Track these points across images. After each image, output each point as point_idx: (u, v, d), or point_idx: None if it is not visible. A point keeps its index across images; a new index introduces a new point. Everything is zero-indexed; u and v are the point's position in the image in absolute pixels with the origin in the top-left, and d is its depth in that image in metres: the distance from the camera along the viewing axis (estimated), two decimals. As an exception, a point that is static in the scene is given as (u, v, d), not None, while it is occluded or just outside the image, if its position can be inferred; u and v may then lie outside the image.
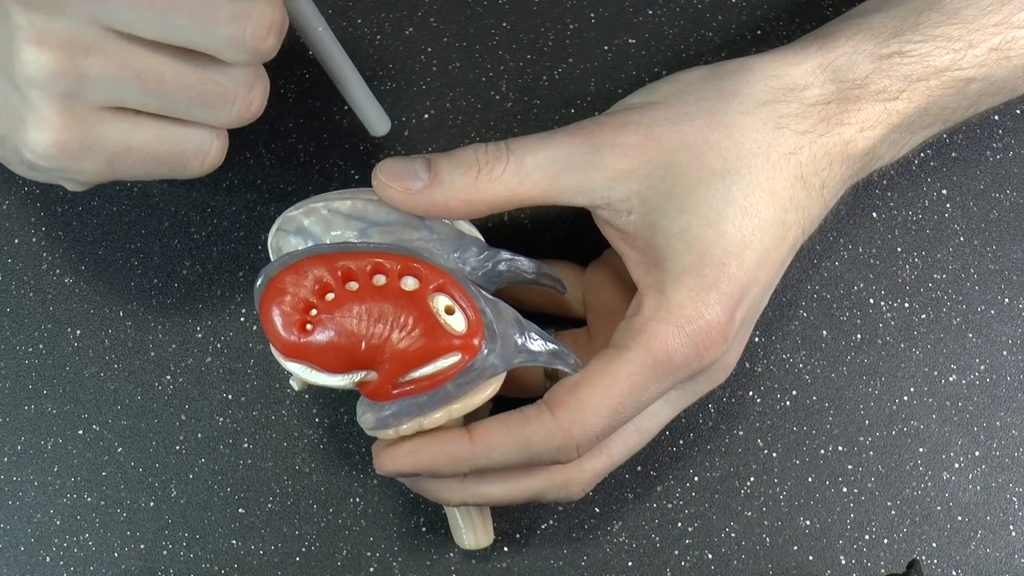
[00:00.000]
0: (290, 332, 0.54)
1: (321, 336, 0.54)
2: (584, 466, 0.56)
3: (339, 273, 0.54)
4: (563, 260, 0.63)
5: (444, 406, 0.54)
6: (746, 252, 0.54)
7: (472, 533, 0.60)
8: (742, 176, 0.54)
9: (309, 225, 0.56)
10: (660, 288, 0.54)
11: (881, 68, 0.56)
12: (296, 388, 0.56)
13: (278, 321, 0.54)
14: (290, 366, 0.55)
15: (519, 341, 0.55)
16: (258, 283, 0.55)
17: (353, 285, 0.54)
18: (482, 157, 0.54)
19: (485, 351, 0.54)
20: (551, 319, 0.63)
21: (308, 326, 0.54)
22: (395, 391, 0.54)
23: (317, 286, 0.54)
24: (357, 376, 0.55)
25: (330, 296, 0.54)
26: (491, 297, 0.56)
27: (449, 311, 0.54)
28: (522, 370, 0.60)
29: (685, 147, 0.54)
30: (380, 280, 0.54)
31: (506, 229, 0.65)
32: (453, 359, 0.54)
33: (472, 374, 0.54)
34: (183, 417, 0.64)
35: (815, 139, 0.55)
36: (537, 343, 0.55)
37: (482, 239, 0.57)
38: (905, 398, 0.64)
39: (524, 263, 0.57)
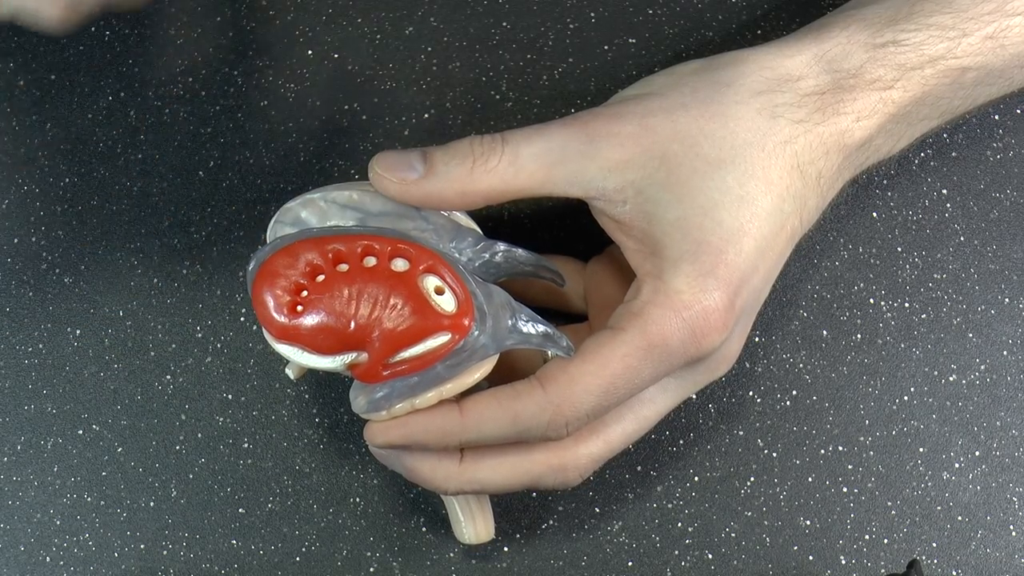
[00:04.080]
0: (281, 313, 0.54)
1: (311, 317, 0.54)
2: (581, 451, 0.56)
3: (330, 256, 0.55)
4: (563, 255, 0.63)
5: (435, 387, 0.54)
6: (744, 240, 0.54)
7: (472, 526, 0.59)
8: (737, 165, 0.54)
9: (306, 216, 0.56)
10: (658, 274, 0.54)
11: (875, 57, 0.56)
12: (292, 375, 0.56)
13: (270, 303, 0.54)
14: (282, 349, 0.55)
15: (510, 323, 0.55)
16: (250, 267, 0.55)
17: (343, 267, 0.54)
18: (477, 148, 0.55)
19: (475, 331, 0.54)
20: (552, 314, 0.63)
21: (299, 307, 0.54)
22: (386, 372, 0.54)
23: (308, 268, 0.54)
24: (348, 357, 0.55)
25: (320, 278, 0.54)
26: (483, 281, 0.56)
27: (439, 291, 0.54)
28: (520, 357, 0.60)
29: (680, 137, 0.54)
30: (370, 262, 0.54)
31: (505, 225, 0.65)
32: (443, 339, 0.54)
33: (463, 355, 0.54)
34: (183, 417, 0.64)
35: (811, 128, 0.55)
36: (528, 325, 0.55)
37: (479, 231, 0.57)
38: (905, 398, 0.64)
39: (521, 254, 0.57)
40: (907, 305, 0.65)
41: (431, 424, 0.54)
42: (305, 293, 0.54)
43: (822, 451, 0.64)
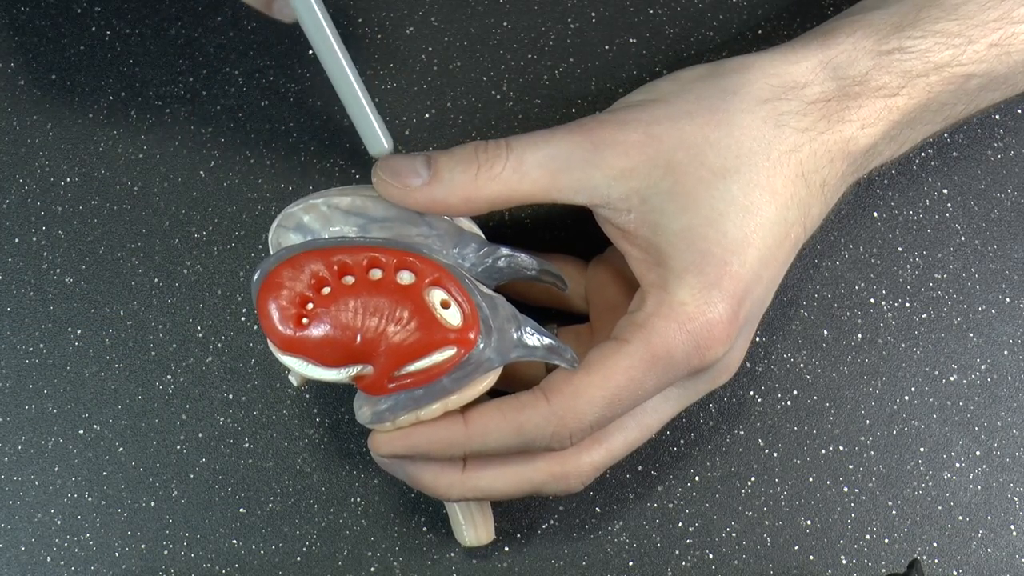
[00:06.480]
0: (286, 326, 0.54)
1: (317, 330, 0.54)
2: (583, 459, 0.56)
3: (335, 267, 0.54)
4: (565, 255, 0.63)
5: (440, 399, 0.54)
6: (748, 251, 0.54)
7: (473, 529, 0.60)
8: (742, 175, 0.54)
9: (309, 222, 0.56)
10: (663, 285, 0.54)
11: (881, 64, 0.56)
12: (295, 383, 0.56)
13: (274, 315, 0.54)
14: (286, 360, 0.55)
15: (515, 336, 0.55)
16: (255, 277, 0.55)
17: (349, 279, 0.54)
18: (482, 155, 0.54)
19: (481, 345, 0.54)
20: (553, 314, 0.63)
21: (304, 320, 0.54)
22: (391, 385, 0.54)
23: (313, 280, 0.54)
24: (353, 370, 0.55)
25: (326, 290, 0.54)
26: (488, 292, 0.56)
27: (445, 305, 0.54)
28: (522, 366, 0.60)
29: (685, 145, 0.54)
30: (376, 274, 0.54)
31: (507, 227, 0.65)
32: (448, 353, 0.54)
33: (468, 368, 0.54)
34: (184, 417, 0.64)
35: (815, 137, 0.55)
36: (533, 338, 0.55)
37: (482, 235, 0.57)
38: (906, 398, 0.64)
39: (524, 259, 0.57)
40: (908, 305, 0.65)
41: (436, 435, 0.54)
42: (311, 306, 0.54)
43: (823, 451, 0.64)
